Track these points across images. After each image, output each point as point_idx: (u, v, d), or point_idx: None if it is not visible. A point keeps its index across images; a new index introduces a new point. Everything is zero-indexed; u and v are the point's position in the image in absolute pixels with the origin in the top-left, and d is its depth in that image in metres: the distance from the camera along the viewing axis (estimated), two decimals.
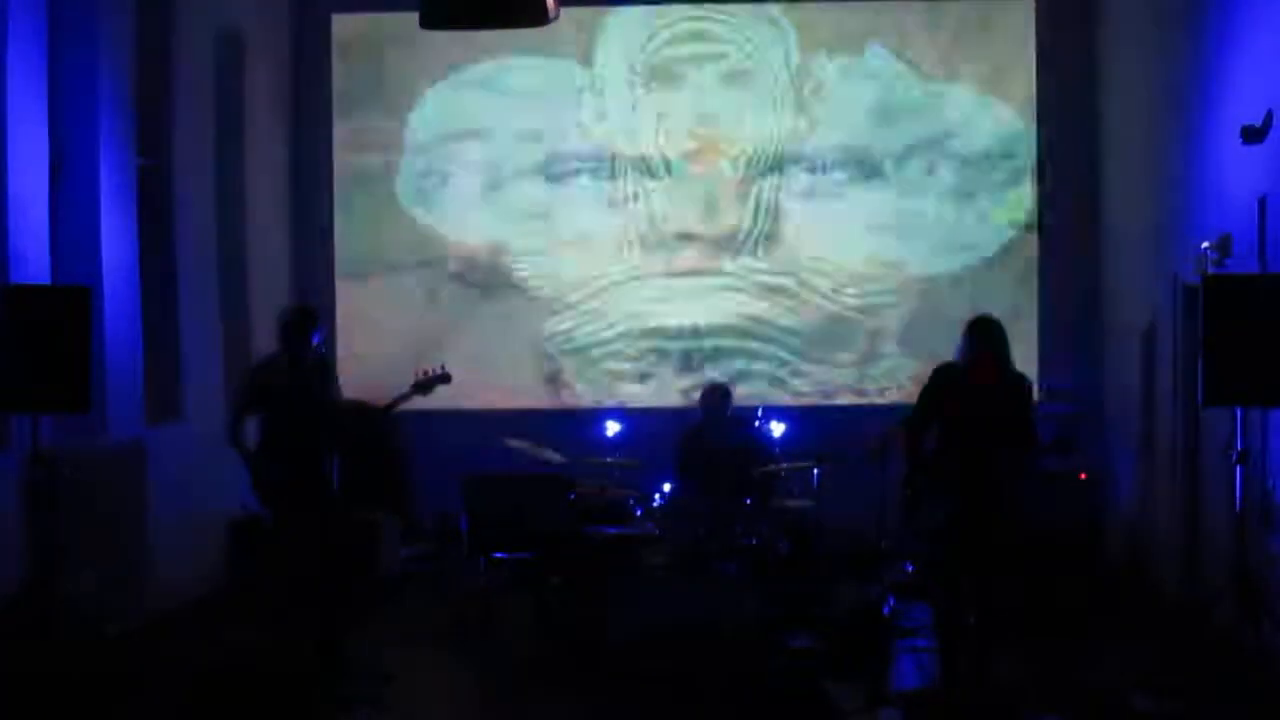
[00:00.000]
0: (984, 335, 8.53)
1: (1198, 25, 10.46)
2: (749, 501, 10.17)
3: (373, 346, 13.80)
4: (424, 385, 9.66)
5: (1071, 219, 13.47)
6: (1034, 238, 13.55)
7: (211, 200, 12.23)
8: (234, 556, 11.92)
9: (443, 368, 9.73)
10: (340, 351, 13.50)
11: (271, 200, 13.42)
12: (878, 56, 13.64)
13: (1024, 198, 13.59)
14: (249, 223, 12.81)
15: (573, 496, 10.61)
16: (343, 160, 13.97)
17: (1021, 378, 8.66)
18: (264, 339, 12.56)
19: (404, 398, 9.56)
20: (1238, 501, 8.59)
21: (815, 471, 10.76)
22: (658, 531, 10.21)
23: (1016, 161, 13.58)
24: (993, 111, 13.59)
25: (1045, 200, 13.55)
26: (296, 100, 13.95)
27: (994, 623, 8.61)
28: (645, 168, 13.80)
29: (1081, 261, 13.40)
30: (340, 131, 13.97)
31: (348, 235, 13.98)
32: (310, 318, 9.48)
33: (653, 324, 13.81)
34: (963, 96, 13.60)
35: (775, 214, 13.73)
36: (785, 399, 13.40)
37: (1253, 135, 8.98)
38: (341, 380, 11.43)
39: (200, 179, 11.99)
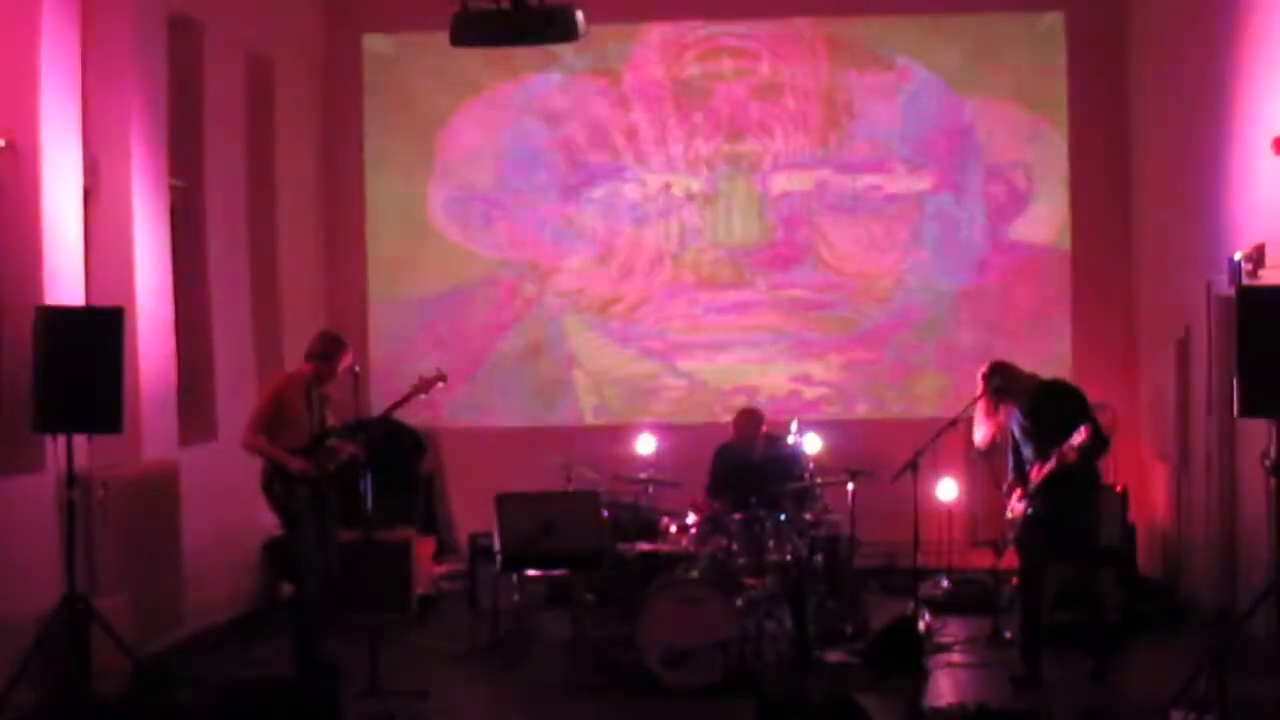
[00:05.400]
0: (985, 383, 9.50)
1: (1228, 36, 10.44)
2: (782, 517, 10.15)
3: (406, 366, 13.82)
4: (421, 387, 9.78)
5: (1104, 230, 13.44)
6: (1067, 249, 13.53)
7: (243, 221, 12.29)
8: (268, 575, 11.98)
9: (438, 370, 9.87)
10: (373, 371, 13.53)
11: (303, 220, 13.48)
12: (908, 70, 13.65)
13: (1056, 210, 13.57)
14: (281, 243, 12.87)
15: (606, 513, 10.61)
16: (374, 180, 14.04)
17: (1056, 391, 8.99)
18: (296, 358, 12.63)
19: (405, 399, 9.73)
20: (1274, 511, 8.55)
21: (849, 486, 10.75)
22: (691, 548, 10.21)
23: (1048, 174, 13.55)
24: (1024, 124, 13.58)
25: (1078, 212, 13.53)
26: (327, 121, 14.02)
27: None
28: (676, 183, 13.83)
29: (1114, 273, 13.37)
30: (371, 151, 14.03)
31: (379, 254, 14.04)
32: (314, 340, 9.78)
33: (686, 339, 13.82)
34: (993, 110, 13.59)
35: (807, 228, 13.73)
36: (818, 413, 13.38)
37: None
38: (374, 400, 11.53)
39: (232, 200, 12.06)
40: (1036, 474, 9.17)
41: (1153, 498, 12.40)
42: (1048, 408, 9.21)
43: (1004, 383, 9.42)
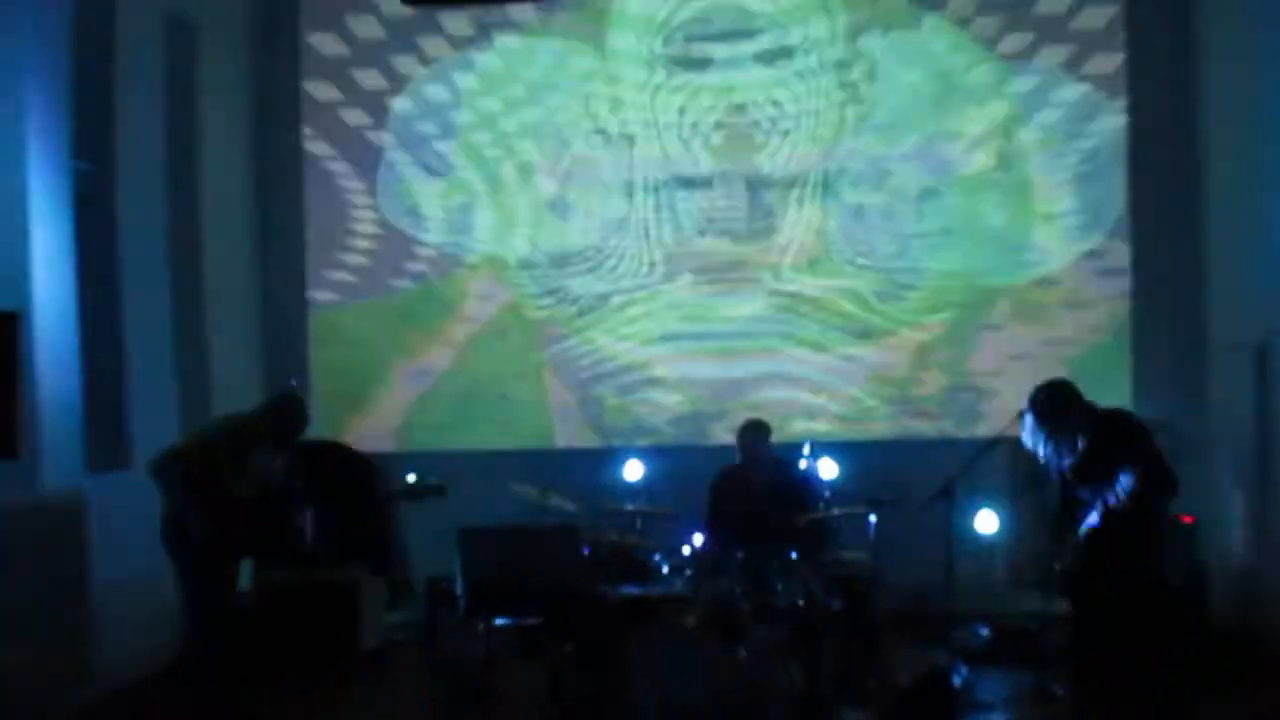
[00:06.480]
0: (1031, 405, 9.44)
1: None
2: (794, 554, 10.13)
3: (351, 377, 13.82)
4: (414, 493, 9.89)
5: (1167, 220, 13.39)
6: (1123, 243, 13.49)
7: (162, 211, 12.26)
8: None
9: (438, 482, 10.20)
10: (315, 383, 13.49)
11: (232, 209, 13.47)
12: (937, 32, 13.63)
13: (1113, 196, 13.53)
14: (206, 236, 12.85)
15: (587, 551, 10.58)
16: (315, 161, 14.00)
17: (1111, 425, 8.97)
18: (224, 370, 12.62)
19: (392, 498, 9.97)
20: None
21: (871, 518, 10.70)
22: (687, 590, 10.18)
23: (1101, 154, 13.52)
24: (1072, 95, 13.55)
25: (1135, 198, 13.49)
26: (260, 95, 13.99)
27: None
28: (668, 165, 13.79)
29: (1179, 270, 13.32)
30: (311, 129, 14.00)
31: (322, 248, 14.00)
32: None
33: (679, 347, 13.80)
34: (1036, 77, 13.55)
35: (819, 218, 13.70)
36: (835, 433, 13.35)
37: None
38: (315, 416, 11.47)
39: (148, 186, 12.03)
40: (1088, 516, 9.06)
41: (1228, 531, 12.36)
42: (1100, 446, 9.06)
43: (1052, 412, 9.24)
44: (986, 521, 12.13)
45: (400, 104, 13.95)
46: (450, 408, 13.92)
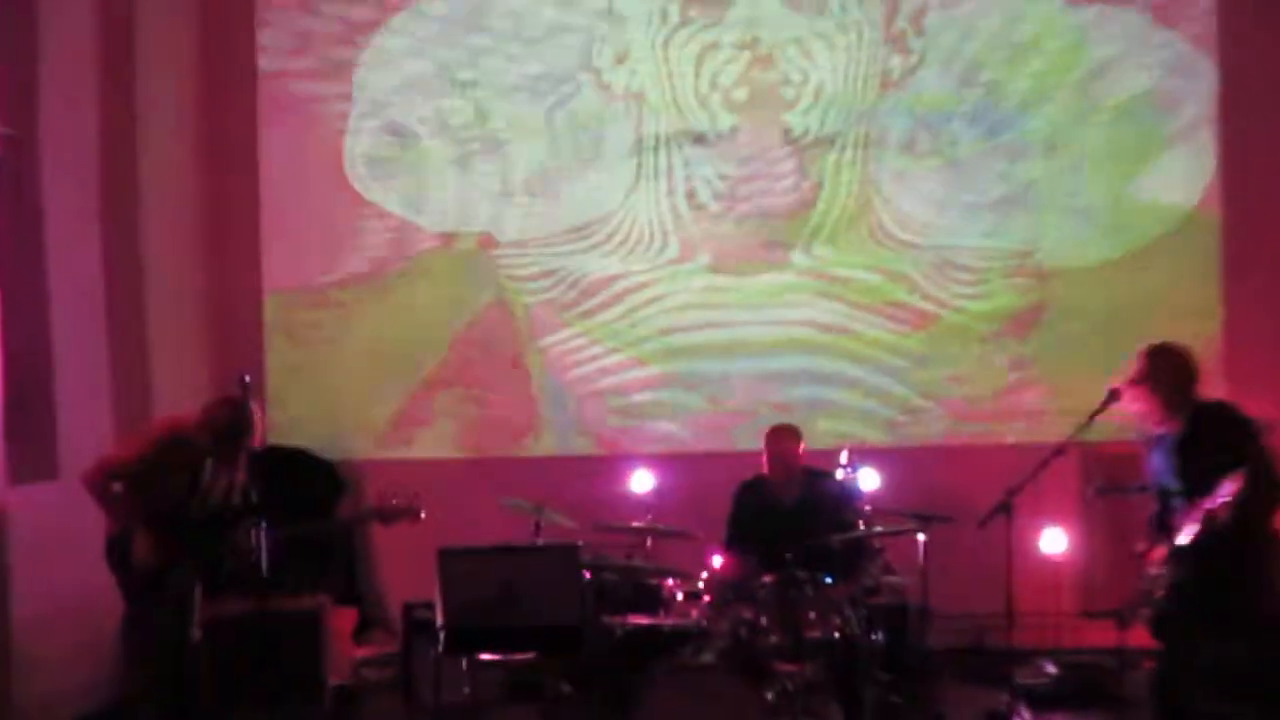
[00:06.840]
0: (1141, 368, 9.30)
1: None
2: (828, 579, 10.13)
3: (312, 375, 13.81)
4: (380, 516, 10.20)
5: (1266, 187, 13.38)
6: (1216, 213, 13.47)
7: (95, 184, 12.25)
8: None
9: (411, 503, 10.48)
10: (271, 382, 13.50)
11: (176, 183, 13.44)
12: None
13: (1202, 159, 13.51)
14: (146, 213, 12.82)
15: (588, 575, 10.59)
16: (271, 126, 13.99)
17: (1211, 419, 9.09)
18: (164, 369, 12.62)
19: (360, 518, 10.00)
20: None
21: (919, 537, 10.71)
22: (704, 621, 10.18)
23: (1189, 112, 13.50)
24: (1157, 43, 13.53)
25: (1230, 163, 13.47)
26: (209, 49, 13.96)
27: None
28: (682, 127, 13.78)
29: None
30: (266, 87, 13.99)
31: (279, 226, 13.99)
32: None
33: (695, 340, 13.79)
34: (1115, 22, 13.53)
35: (859, 187, 13.69)
36: (877, 439, 13.35)
37: None
38: (271, 420, 11.53)
39: (79, 155, 12.03)
40: (1182, 530, 9.02)
41: None
42: (1198, 441, 9.04)
43: (1164, 378, 9.21)
44: (1053, 541, 12.12)
45: (369, 56, 13.94)
46: (430, 410, 13.93)
